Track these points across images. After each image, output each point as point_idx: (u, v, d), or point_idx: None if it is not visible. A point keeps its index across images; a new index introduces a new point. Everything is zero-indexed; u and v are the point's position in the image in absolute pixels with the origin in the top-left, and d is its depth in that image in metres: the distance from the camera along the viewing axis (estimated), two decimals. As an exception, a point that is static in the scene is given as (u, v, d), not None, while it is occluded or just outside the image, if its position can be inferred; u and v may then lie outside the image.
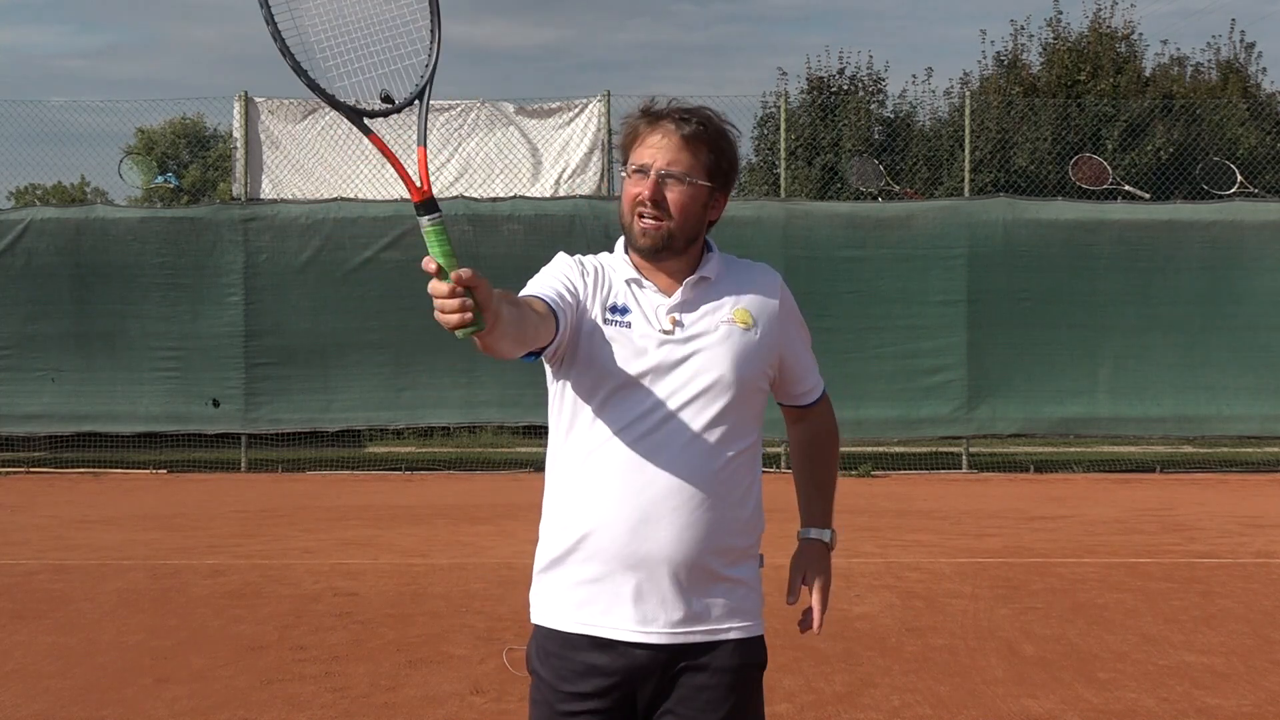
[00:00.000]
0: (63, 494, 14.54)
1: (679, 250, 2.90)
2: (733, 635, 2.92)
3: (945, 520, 12.31)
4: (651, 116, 2.91)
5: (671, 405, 2.84)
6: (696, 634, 2.87)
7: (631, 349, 2.85)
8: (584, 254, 3.05)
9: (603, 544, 2.84)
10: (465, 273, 2.40)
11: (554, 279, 2.90)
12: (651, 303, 2.89)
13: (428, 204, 2.50)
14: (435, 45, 2.69)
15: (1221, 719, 5.93)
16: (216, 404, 16.33)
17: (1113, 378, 16.40)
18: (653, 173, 2.86)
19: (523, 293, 2.83)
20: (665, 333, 2.86)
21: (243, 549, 10.49)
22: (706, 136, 2.88)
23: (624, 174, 2.94)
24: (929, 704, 6.07)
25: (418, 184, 2.55)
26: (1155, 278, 16.34)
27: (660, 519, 2.82)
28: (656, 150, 2.87)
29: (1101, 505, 13.55)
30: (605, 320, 2.87)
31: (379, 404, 16.32)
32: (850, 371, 16.15)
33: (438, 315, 2.40)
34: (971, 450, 16.75)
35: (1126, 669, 6.73)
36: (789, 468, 13.57)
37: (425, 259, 2.43)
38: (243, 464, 16.60)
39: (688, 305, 2.90)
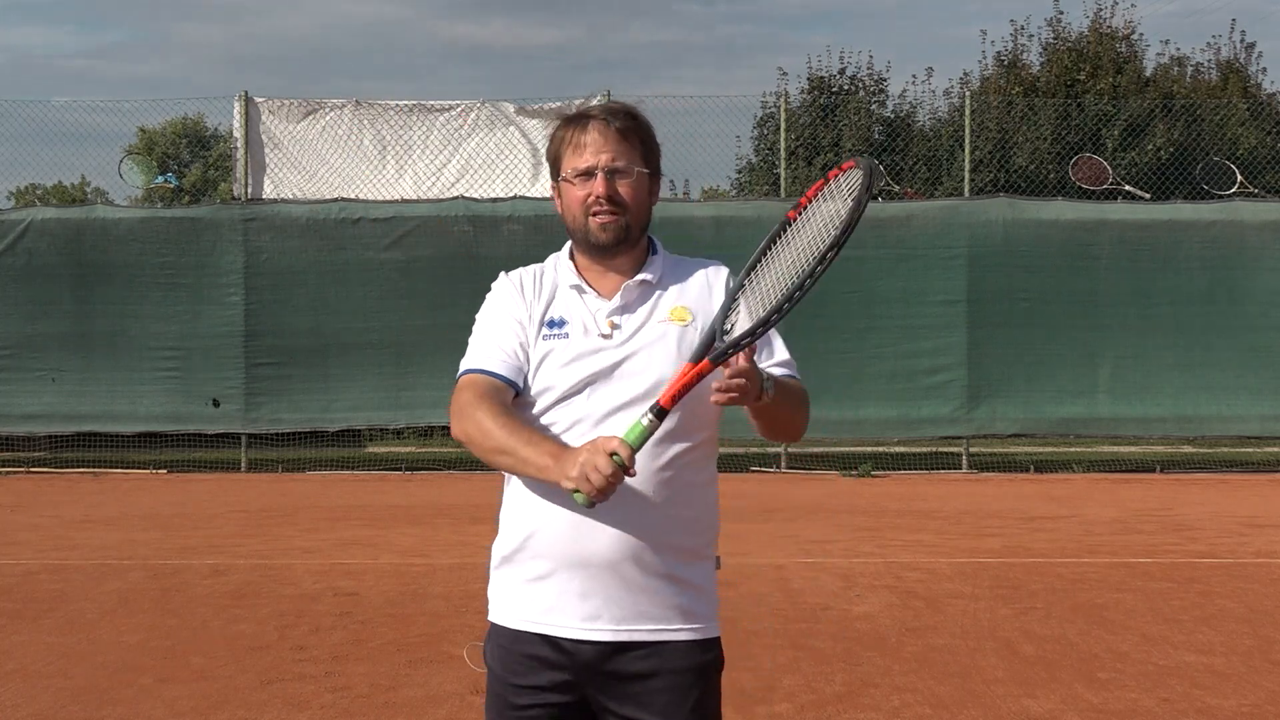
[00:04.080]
0: (63, 494, 14.54)
1: (634, 241, 2.99)
2: (684, 636, 2.90)
3: (945, 520, 12.31)
4: (577, 120, 2.99)
5: (611, 407, 2.87)
6: (642, 632, 2.88)
7: (570, 357, 2.91)
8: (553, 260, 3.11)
9: (547, 543, 2.89)
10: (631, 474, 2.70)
11: (501, 330, 2.98)
12: (591, 308, 2.96)
13: (662, 412, 2.72)
14: (772, 316, 2.76)
15: (1221, 719, 5.93)
16: (216, 404, 16.34)
17: (1113, 378, 16.40)
18: (600, 171, 2.93)
19: (479, 360, 2.94)
20: (604, 336, 2.92)
21: (243, 549, 10.49)
22: (637, 128, 2.98)
23: (556, 183, 3.02)
24: (929, 704, 6.07)
25: (669, 396, 2.74)
26: (1155, 278, 16.34)
27: (602, 520, 2.83)
28: (597, 149, 2.94)
29: (1101, 505, 13.55)
30: (544, 335, 2.94)
31: (379, 404, 16.32)
32: (850, 371, 16.17)
33: (590, 478, 2.65)
34: (971, 450, 16.75)
35: (1126, 669, 6.72)
36: (789, 467, 13.52)
37: (629, 454, 2.67)
38: (243, 464, 16.61)
39: (626, 308, 2.96)
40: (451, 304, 15.01)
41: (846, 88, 22.61)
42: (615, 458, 2.64)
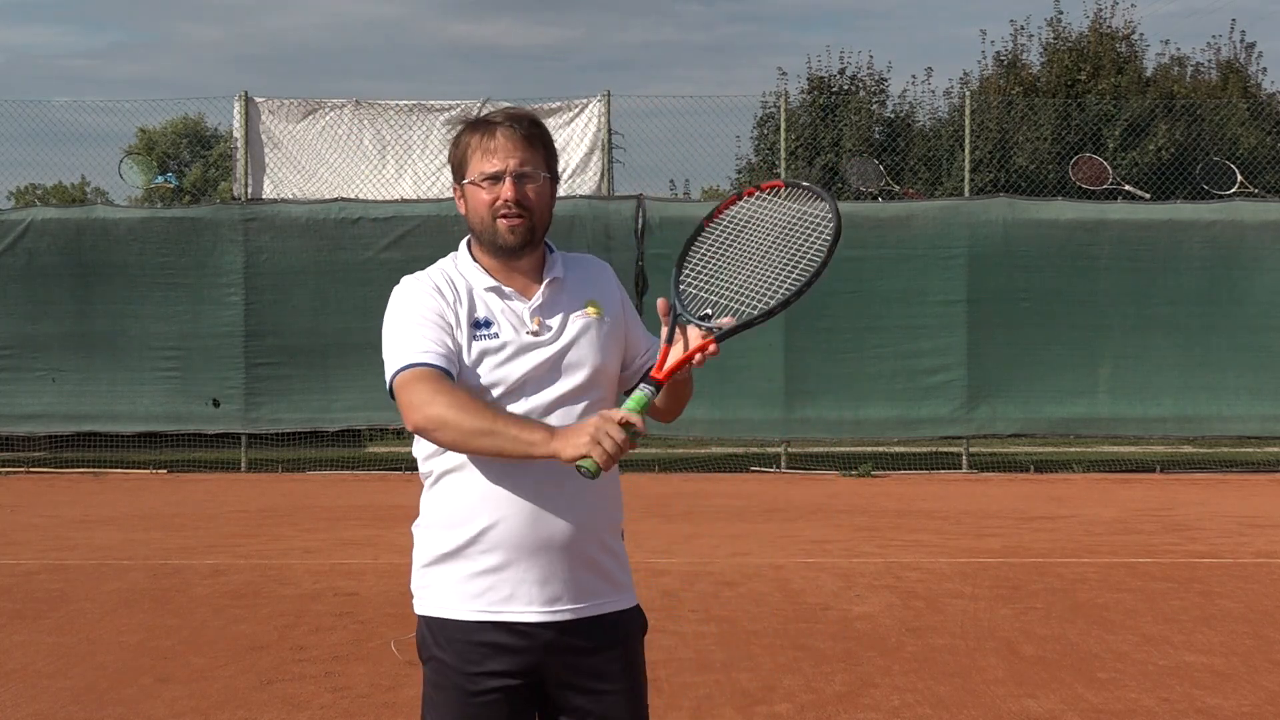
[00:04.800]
0: (63, 494, 14.54)
1: (538, 243, 3.13)
2: (623, 605, 3.13)
3: (945, 520, 12.30)
4: (483, 126, 3.10)
5: (550, 399, 3.03)
6: (594, 606, 3.07)
7: (506, 356, 3.04)
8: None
9: (504, 535, 3.01)
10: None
11: (429, 326, 3.05)
12: (515, 308, 3.09)
13: (659, 386, 2.96)
14: (772, 311, 3.01)
15: (1221, 719, 5.93)
16: (217, 404, 16.34)
17: (1113, 378, 16.40)
18: (509, 175, 3.05)
19: (419, 354, 3.01)
20: (533, 334, 3.07)
21: (243, 549, 10.49)
22: (539, 134, 3.12)
23: (461, 186, 3.12)
24: (929, 704, 6.07)
25: (664, 371, 2.99)
26: (1155, 278, 16.33)
27: (557, 506, 3.00)
28: (505, 154, 3.06)
29: (1101, 505, 13.55)
30: (474, 336, 3.05)
31: (379, 404, 16.29)
32: (850, 371, 16.16)
33: (604, 444, 2.77)
34: (971, 450, 16.75)
35: (1126, 669, 6.73)
36: (789, 468, 13.54)
37: (639, 420, 2.85)
38: (243, 464, 16.61)
39: (547, 307, 3.11)
40: (451, 304, 15.00)
41: (846, 88, 22.60)
42: (629, 428, 2.81)
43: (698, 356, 2.96)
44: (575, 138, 17.08)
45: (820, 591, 8.70)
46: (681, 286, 3.07)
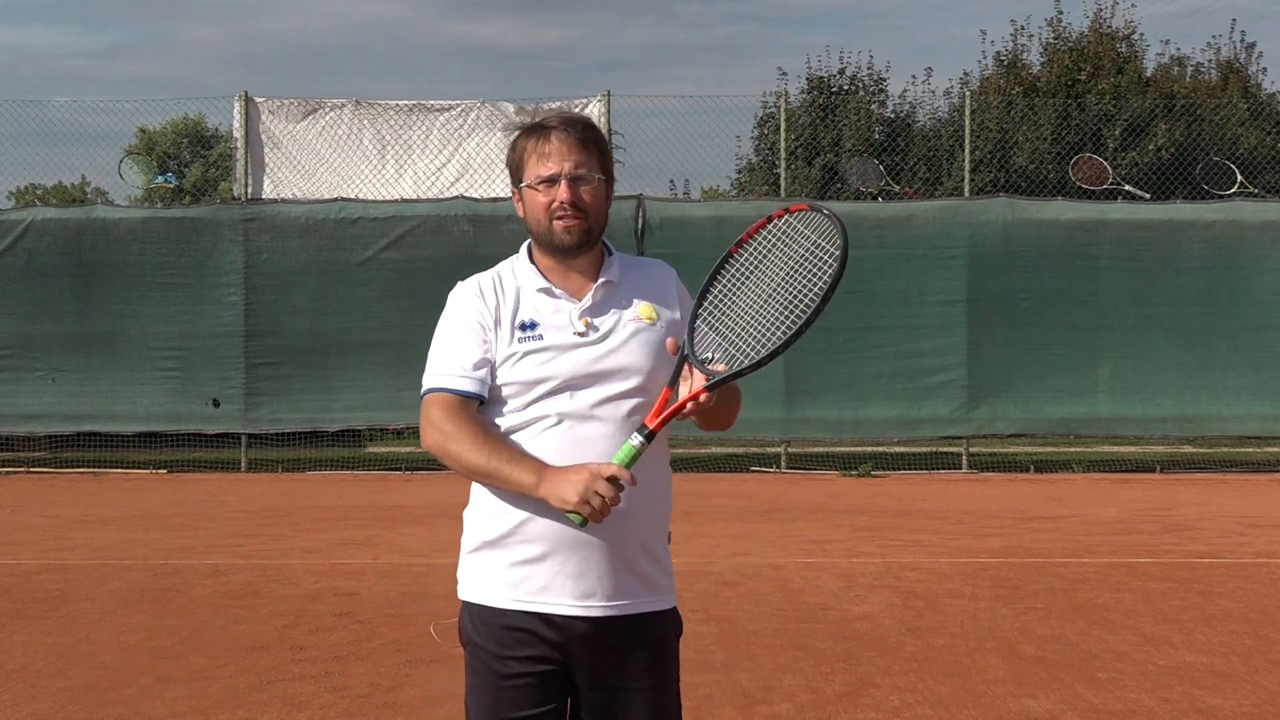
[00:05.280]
0: (63, 494, 14.54)
1: (594, 243, 3.19)
2: (659, 606, 3.16)
3: (945, 520, 12.30)
4: (538, 130, 3.14)
5: (594, 400, 3.07)
6: (629, 605, 3.10)
7: (548, 356, 3.08)
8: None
9: (544, 527, 3.06)
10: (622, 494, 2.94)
11: (464, 343, 3.12)
12: (564, 309, 3.14)
13: (651, 435, 2.99)
14: (761, 361, 3.01)
15: (1221, 719, 5.93)
16: (217, 404, 16.34)
17: (1113, 378, 16.40)
18: (564, 178, 3.10)
19: (444, 379, 3.09)
20: (580, 335, 3.11)
21: (243, 549, 10.49)
22: (594, 137, 3.17)
23: (519, 189, 3.18)
24: (929, 704, 6.07)
25: (657, 420, 3.01)
26: (1155, 278, 16.34)
27: None
28: (560, 157, 3.11)
29: (1101, 505, 13.55)
30: (518, 338, 3.10)
31: (379, 404, 16.32)
32: (850, 371, 16.15)
33: (593, 502, 2.88)
34: (971, 450, 16.75)
35: (1126, 669, 6.73)
36: (789, 468, 13.55)
37: (627, 474, 2.92)
38: (243, 464, 16.60)
39: (597, 308, 3.15)
40: (451, 304, 15.02)
41: (846, 88, 22.60)
42: (618, 483, 2.89)
43: (689, 405, 2.99)
44: (575, 138, 17.04)
45: (820, 591, 8.70)
46: (697, 323, 3.10)
